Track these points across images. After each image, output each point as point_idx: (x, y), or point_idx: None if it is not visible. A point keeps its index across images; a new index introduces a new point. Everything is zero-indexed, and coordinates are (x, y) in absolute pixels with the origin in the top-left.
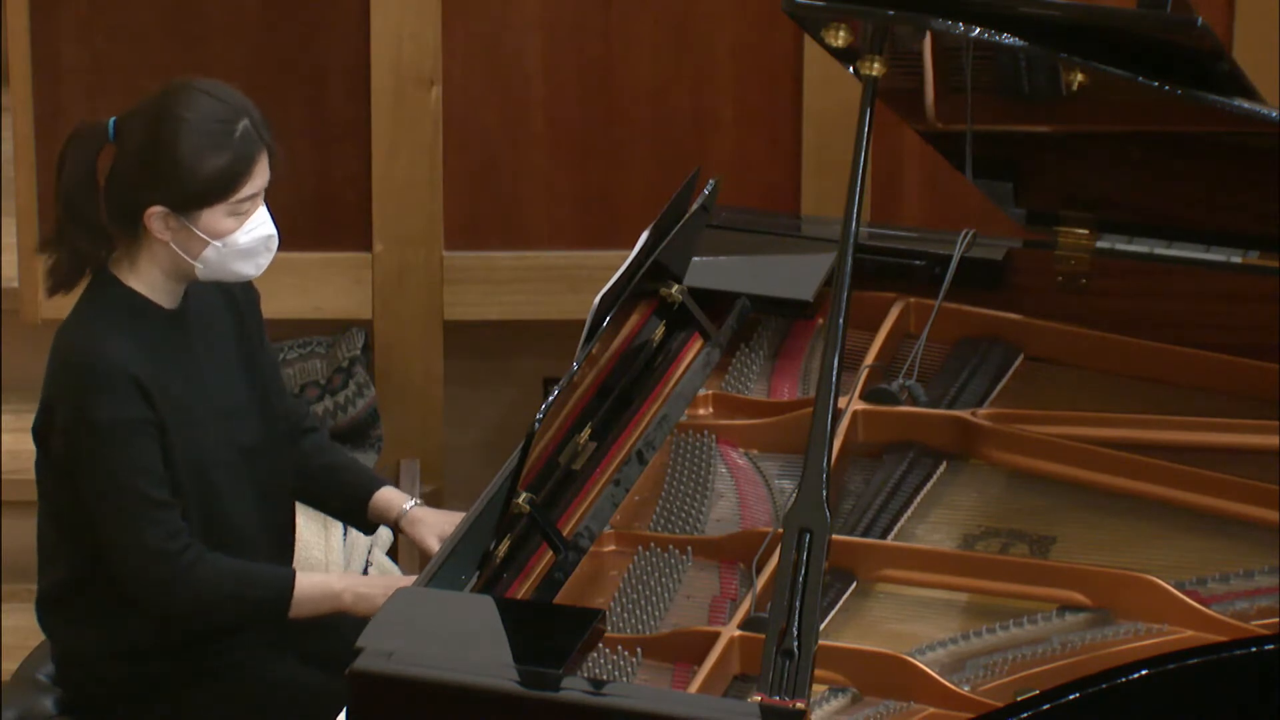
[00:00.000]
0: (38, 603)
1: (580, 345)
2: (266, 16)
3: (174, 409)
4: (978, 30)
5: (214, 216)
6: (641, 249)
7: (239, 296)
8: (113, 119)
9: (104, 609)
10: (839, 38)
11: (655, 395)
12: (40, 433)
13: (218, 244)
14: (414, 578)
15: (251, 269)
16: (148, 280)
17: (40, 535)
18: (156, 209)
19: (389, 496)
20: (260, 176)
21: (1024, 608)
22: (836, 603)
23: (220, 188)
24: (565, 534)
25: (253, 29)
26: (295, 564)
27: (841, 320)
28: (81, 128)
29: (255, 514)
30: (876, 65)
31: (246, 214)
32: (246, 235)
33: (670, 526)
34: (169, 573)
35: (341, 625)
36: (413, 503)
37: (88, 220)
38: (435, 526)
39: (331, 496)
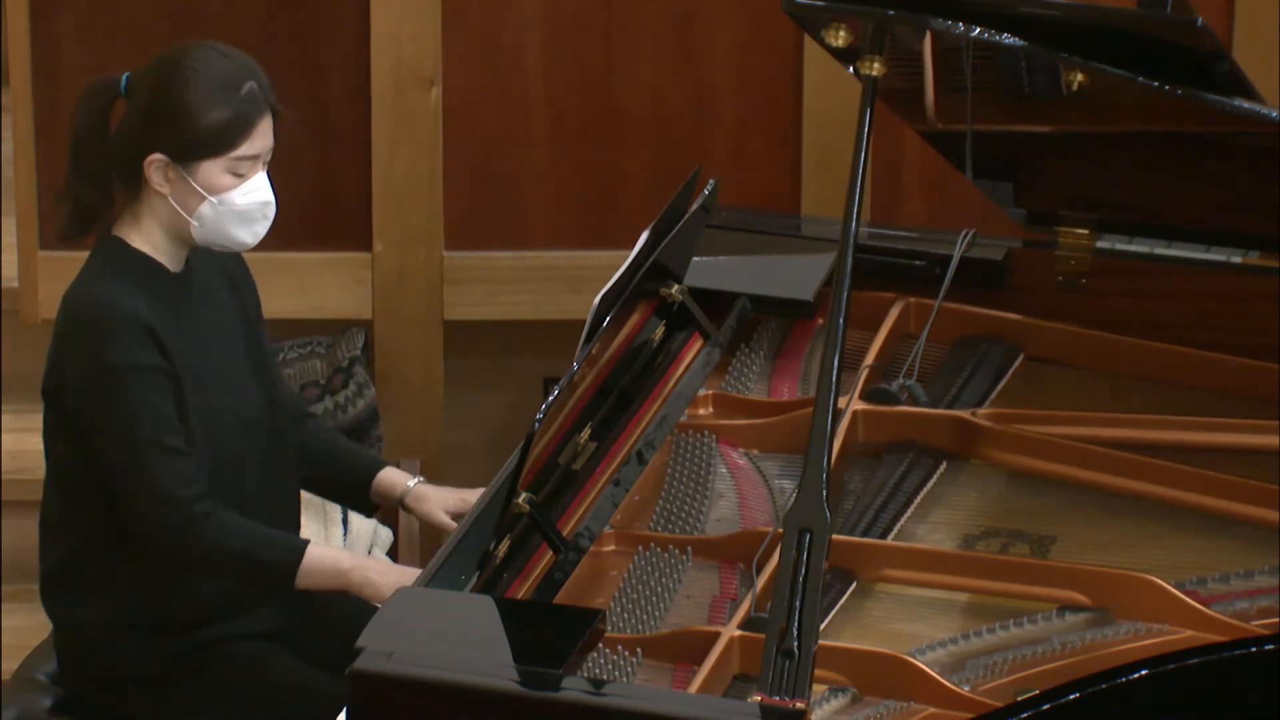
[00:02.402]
0: (41, 584)
1: (580, 345)
2: (266, 16)
3: (184, 366)
4: (978, 30)
5: (212, 170)
6: (641, 249)
7: (240, 281)
8: (126, 74)
9: (106, 582)
10: (839, 38)
11: (655, 395)
12: (50, 391)
13: (214, 200)
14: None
15: (248, 236)
16: (152, 240)
17: (44, 510)
18: (156, 157)
19: (392, 477)
20: (262, 139)
21: (1024, 608)
22: (836, 603)
23: (220, 141)
24: (565, 534)
25: (253, 29)
26: None
27: (841, 320)
28: (94, 82)
29: (259, 487)
30: (876, 65)
31: (245, 175)
32: (244, 197)
33: (670, 526)
34: (180, 519)
35: (342, 622)
36: (416, 480)
37: (93, 172)
38: (441, 501)
39: (333, 479)
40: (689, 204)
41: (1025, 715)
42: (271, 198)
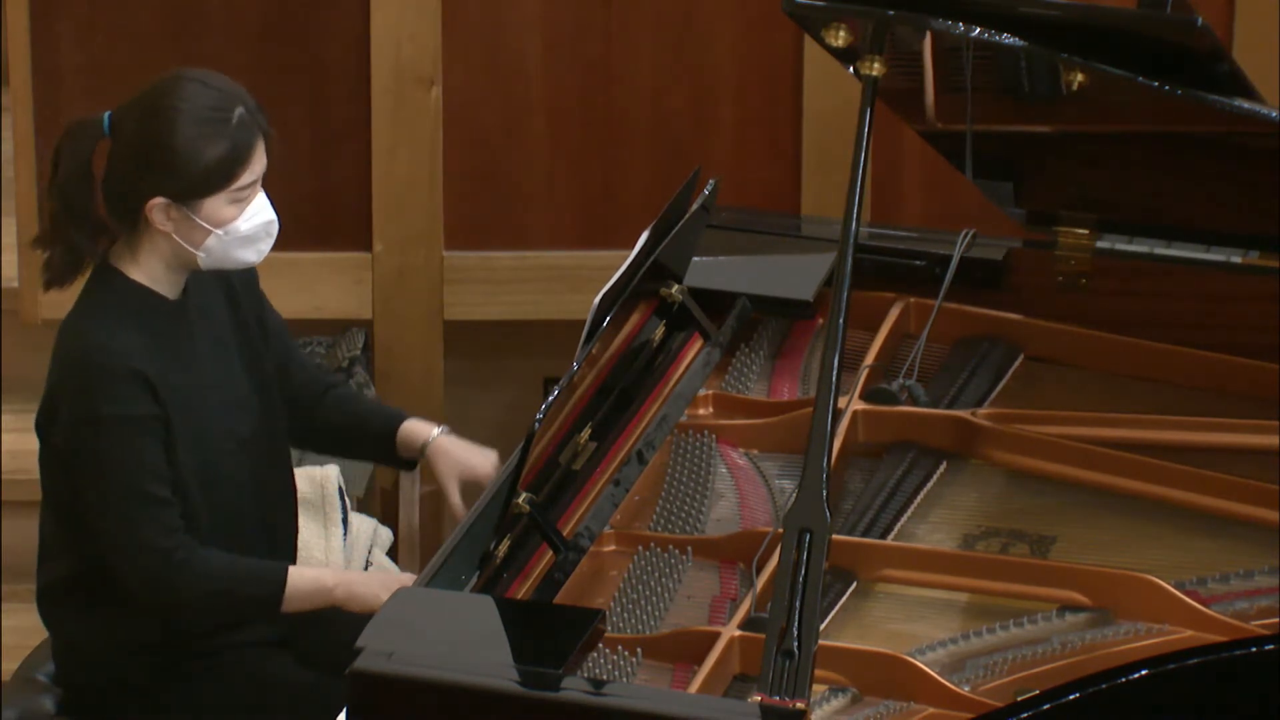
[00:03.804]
0: (38, 596)
1: (580, 345)
2: (266, 16)
3: (178, 402)
4: (978, 30)
5: (215, 205)
6: (641, 249)
7: (235, 281)
8: (107, 113)
9: (105, 601)
10: (839, 38)
11: (655, 395)
12: (43, 425)
13: (219, 232)
14: (409, 575)
15: (253, 255)
16: (149, 271)
17: (42, 528)
18: (158, 201)
19: (414, 427)
20: (258, 163)
21: (1024, 608)
22: (836, 603)
23: (220, 176)
24: (565, 534)
25: (253, 29)
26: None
27: (841, 320)
28: (76, 123)
29: (255, 504)
30: (876, 65)
31: (246, 201)
32: (248, 222)
33: (670, 526)
34: (162, 569)
35: (340, 624)
36: (439, 431)
37: (84, 214)
38: (458, 462)
39: (363, 443)
40: (689, 204)
41: (1025, 715)
42: (274, 216)
